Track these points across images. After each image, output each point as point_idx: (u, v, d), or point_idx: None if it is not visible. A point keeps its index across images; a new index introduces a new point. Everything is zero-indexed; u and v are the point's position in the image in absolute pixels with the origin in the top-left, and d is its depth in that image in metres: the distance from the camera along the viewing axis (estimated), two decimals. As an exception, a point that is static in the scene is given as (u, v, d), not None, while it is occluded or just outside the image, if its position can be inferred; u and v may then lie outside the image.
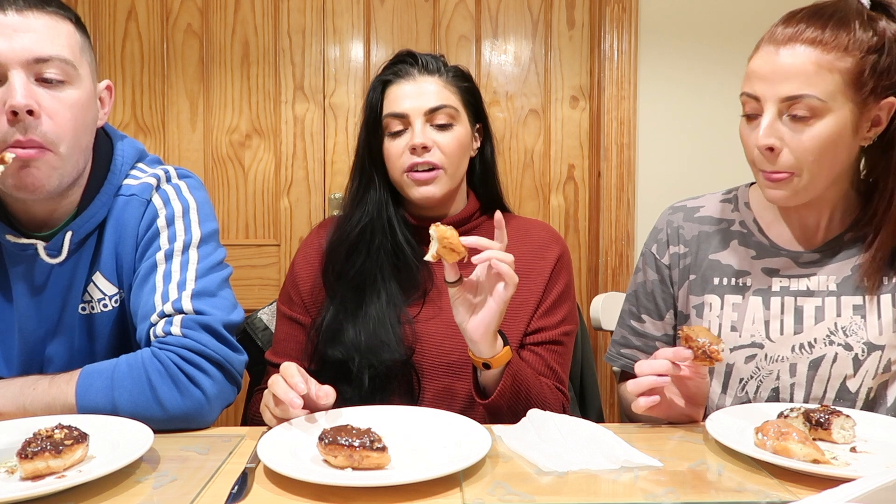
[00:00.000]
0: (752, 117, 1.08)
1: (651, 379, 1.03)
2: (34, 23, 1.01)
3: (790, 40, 1.04)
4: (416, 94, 1.26)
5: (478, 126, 1.35)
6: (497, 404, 1.12)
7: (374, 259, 1.26)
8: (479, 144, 1.36)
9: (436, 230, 1.04)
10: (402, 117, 1.26)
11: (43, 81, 1.02)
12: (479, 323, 1.08)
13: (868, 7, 1.07)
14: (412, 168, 1.25)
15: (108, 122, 1.19)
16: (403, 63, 1.29)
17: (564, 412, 1.21)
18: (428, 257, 1.05)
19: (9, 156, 0.93)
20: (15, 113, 0.99)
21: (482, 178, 1.38)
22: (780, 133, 1.05)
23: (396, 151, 1.26)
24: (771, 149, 1.06)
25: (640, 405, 1.03)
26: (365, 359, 1.20)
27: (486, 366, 1.11)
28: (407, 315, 1.25)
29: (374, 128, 1.29)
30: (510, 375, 1.12)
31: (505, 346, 1.12)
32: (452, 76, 1.30)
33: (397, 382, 1.22)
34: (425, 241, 1.30)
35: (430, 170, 1.25)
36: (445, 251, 1.04)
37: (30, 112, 1.00)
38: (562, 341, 1.29)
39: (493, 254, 1.04)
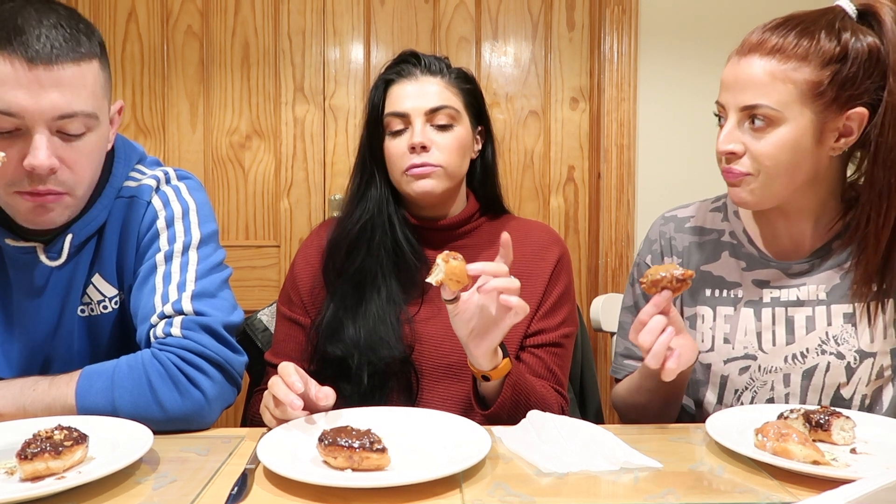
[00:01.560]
0: (722, 124, 1.12)
1: (664, 341, 1.02)
2: (62, 75, 0.97)
3: (751, 51, 1.07)
4: (417, 94, 1.26)
5: (479, 128, 1.35)
6: (497, 415, 1.11)
7: (375, 256, 1.26)
8: (480, 147, 1.36)
9: (444, 263, 1.00)
10: (403, 116, 1.26)
11: (64, 134, 1.01)
12: (479, 341, 1.07)
13: (855, 18, 1.08)
14: (411, 168, 1.25)
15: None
16: (406, 63, 1.29)
17: (563, 414, 1.20)
18: (430, 280, 1.01)
19: None
20: (34, 169, 0.98)
21: (482, 181, 1.38)
22: (741, 139, 1.09)
23: (397, 151, 1.26)
24: (732, 153, 1.09)
25: (671, 369, 1.02)
26: (364, 356, 1.20)
27: (486, 378, 1.11)
28: (406, 314, 1.25)
29: (376, 126, 1.30)
30: (510, 387, 1.11)
31: (505, 357, 1.11)
32: (455, 77, 1.30)
33: (396, 381, 1.22)
34: (425, 240, 1.30)
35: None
36: (451, 282, 1.01)
37: (51, 170, 1.00)
38: (562, 343, 1.29)
39: (500, 284, 1.00)
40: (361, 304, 1.24)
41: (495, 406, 1.11)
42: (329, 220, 1.39)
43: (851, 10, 1.09)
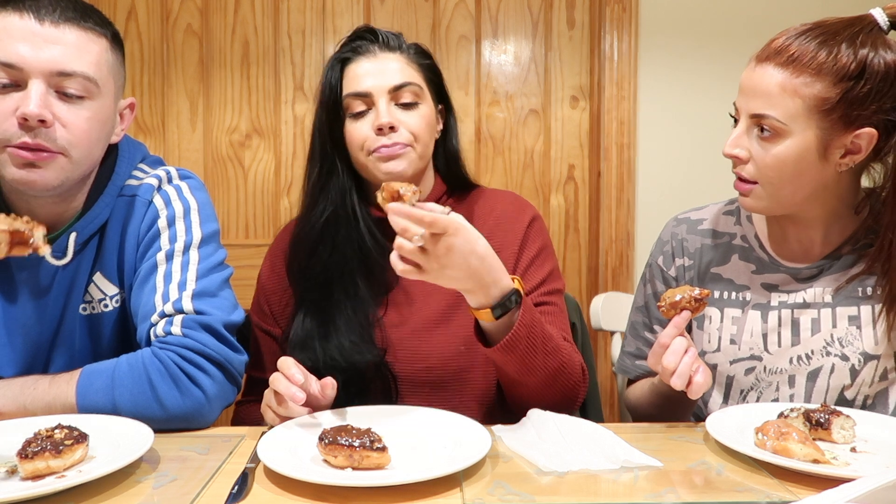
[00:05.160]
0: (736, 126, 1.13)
1: (688, 362, 1.02)
2: (67, 36, 1.02)
3: (768, 59, 1.06)
4: (378, 72, 1.19)
5: (440, 107, 1.29)
6: (512, 344, 1.01)
7: (341, 252, 1.21)
8: (441, 126, 1.30)
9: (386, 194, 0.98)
10: (365, 96, 1.19)
11: (63, 95, 1.03)
12: (459, 286, 1.00)
13: (886, 29, 1.06)
14: (379, 149, 1.18)
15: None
16: (363, 39, 1.22)
17: (583, 372, 1.15)
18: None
19: (45, 249, 0.92)
20: (26, 119, 0.99)
21: (446, 160, 1.32)
22: (748, 145, 1.09)
23: (360, 134, 1.19)
24: (738, 158, 1.10)
25: (699, 383, 1.03)
26: (336, 362, 1.15)
27: (503, 308, 1.01)
28: (376, 315, 1.21)
29: (335, 109, 1.22)
30: (528, 310, 1.01)
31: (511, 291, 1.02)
32: (414, 53, 1.24)
33: (374, 385, 1.18)
34: (391, 233, 1.18)
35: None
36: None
37: (42, 122, 1.00)
38: (547, 301, 1.23)
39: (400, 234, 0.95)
40: (329, 311, 1.18)
41: (516, 327, 1.01)
42: (292, 222, 1.32)
43: (883, 20, 1.06)
